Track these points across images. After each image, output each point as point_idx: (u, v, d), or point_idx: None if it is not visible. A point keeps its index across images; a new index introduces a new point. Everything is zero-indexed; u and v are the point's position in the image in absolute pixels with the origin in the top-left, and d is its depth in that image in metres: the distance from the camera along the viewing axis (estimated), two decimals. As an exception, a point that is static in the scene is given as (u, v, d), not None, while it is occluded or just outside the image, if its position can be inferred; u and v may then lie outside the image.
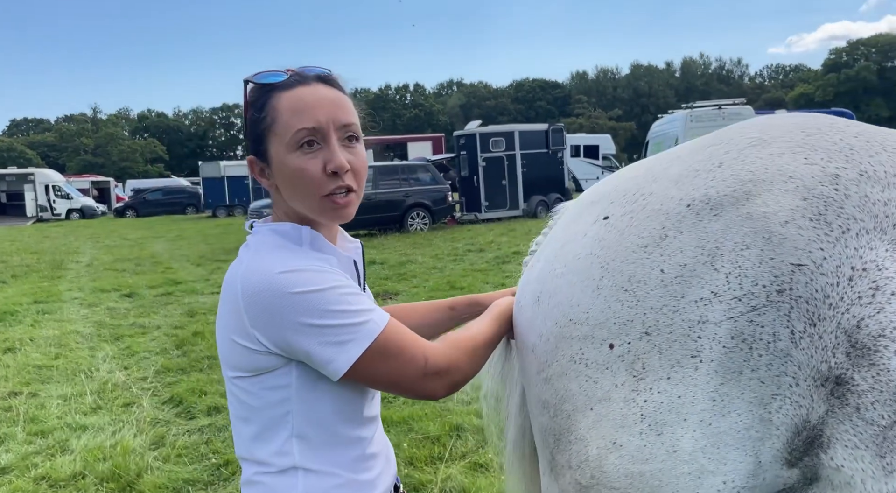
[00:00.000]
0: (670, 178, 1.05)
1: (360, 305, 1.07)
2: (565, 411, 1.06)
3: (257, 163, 1.18)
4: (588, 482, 1.02)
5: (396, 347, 1.08)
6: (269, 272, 1.05)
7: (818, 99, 59.66)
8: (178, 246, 16.48)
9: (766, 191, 0.94)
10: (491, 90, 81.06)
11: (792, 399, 0.89)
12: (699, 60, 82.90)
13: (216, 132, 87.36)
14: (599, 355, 1.01)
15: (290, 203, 1.16)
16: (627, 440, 0.97)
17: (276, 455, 1.12)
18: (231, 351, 1.11)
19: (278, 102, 1.11)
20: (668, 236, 0.98)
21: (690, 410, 0.93)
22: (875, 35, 67.43)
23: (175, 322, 7.34)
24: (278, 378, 1.09)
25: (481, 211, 17.56)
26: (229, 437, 4.08)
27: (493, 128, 19.03)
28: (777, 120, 1.07)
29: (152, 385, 5.18)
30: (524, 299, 1.20)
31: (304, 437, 1.11)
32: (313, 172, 1.09)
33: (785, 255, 0.90)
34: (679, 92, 75.52)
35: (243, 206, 30.82)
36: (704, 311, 0.92)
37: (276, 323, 1.04)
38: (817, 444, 0.89)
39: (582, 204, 1.20)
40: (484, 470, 3.43)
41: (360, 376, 1.08)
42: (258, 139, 1.15)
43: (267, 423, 1.12)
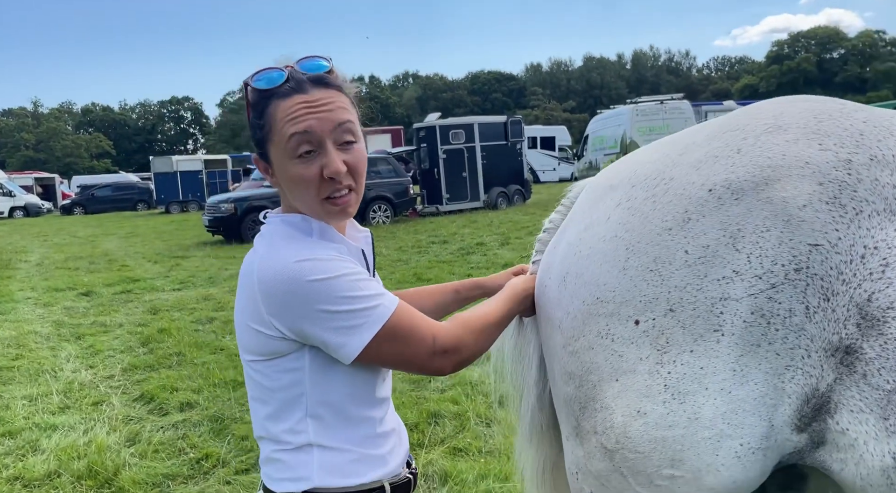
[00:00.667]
0: (690, 163, 1.11)
1: (371, 290, 1.14)
2: (591, 381, 1.13)
3: (262, 162, 1.24)
4: (613, 446, 1.10)
5: (406, 328, 1.15)
6: (284, 262, 1.10)
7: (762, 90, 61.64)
8: (131, 243, 16.05)
9: (785, 176, 1.01)
10: (447, 82, 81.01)
11: (804, 370, 0.98)
12: (649, 53, 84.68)
13: (165, 126, 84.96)
14: (625, 331, 1.08)
15: (293, 203, 1.22)
16: (651, 409, 1.05)
17: (292, 434, 1.18)
18: (248, 336, 1.17)
19: (275, 110, 1.16)
20: (691, 219, 1.05)
21: (712, 379, 1.01)
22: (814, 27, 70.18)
23: (138, 320, 7.20)
24: (292, 361, 1.15)
25: (443, 203, 17.61)
26: (206, 432, 4.07)
27: (452, 120, 19.07)
28: (788, 106, 1.14)
29: (120, 383, 5.09)
30: (548, 279, 1.26)
31: (318, 416, 1.17)
32: (310, 178, 1.15)
33: (803, 236, 0.98)
34: (630, 84, 76.95)
35: (198, 201, 30.13)
36: (726, 288, 1.00)
37: (290, 310, 1.10)
38: (825, 410, 0.98)
39: (600, 187, 1.25)
40: (463, 454, 3.51)
41: (371, 357, 1.14)
42: (260, 143, 1.20)
43: (282, 403, 1.18)
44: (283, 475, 1.19)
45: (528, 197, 19.13)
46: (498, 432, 3.75)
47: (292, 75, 1.19)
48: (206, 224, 14.93)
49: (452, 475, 3.28)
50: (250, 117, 1.21)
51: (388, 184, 16.04)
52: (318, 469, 1.17)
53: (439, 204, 17.65)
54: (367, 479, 1.20)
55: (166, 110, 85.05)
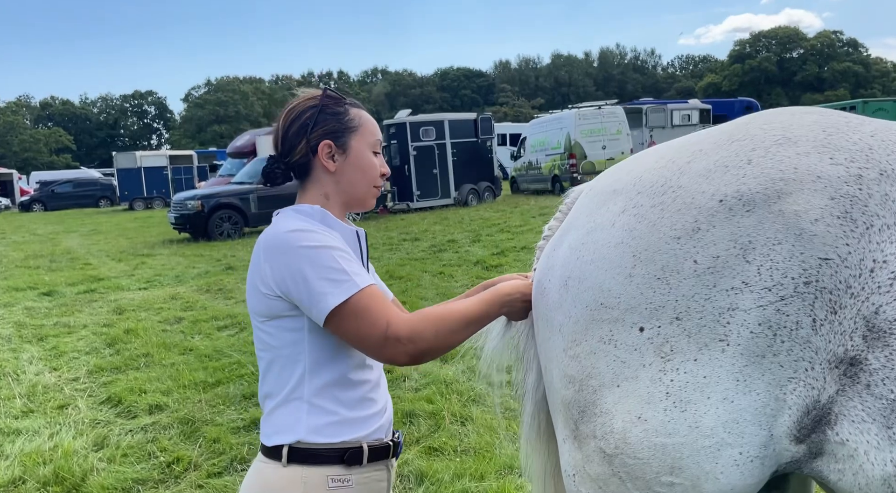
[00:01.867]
0: (698, 172, 1.11)
1: (347, 267, 1.28)
2: (591, 386, 1.13)
3: (332, 147, 1.42)
4: (612, 451, 1.10)
5: (364, 308, 1.26)
6: (283, 229, 1.31)
7: (725, 88, 62.86)
8: (94, 241, 15.67)
9: (797, 190, 1.02)
10: (416, 79, 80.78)
11: (806, 382, 0.99)
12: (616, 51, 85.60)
13: (128, 121, 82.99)
14: (629, 338, 1.08)
15: (347, 185, 1.44)
16: (652, 415, 1.05)
17: (290, 390, 1.34)
18: (255, 298, 1.34)
19: (359, 114, 1.46)
20: (700, 229, 1.05)
21: (714, 389, 1.02)
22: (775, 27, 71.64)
23: (103, 320, 7.03)
24: (293, 321, 1.32)
25: (413, 200, 17.56)
26: (176, 435, 4.00)
27: (422, 117, 19.01)
28: (796, 118, 1.14)
29: (86, 386, 4.97)
30: (549, 283, 1.26)
31: (314, 374, 1.33)
32: (378, 169, 1.47)
33: (814, 250, 0.98)
34: (598, 81, 77.74)
35: (163, 198, 29.52)
36: (735, 299, 1.01)
37: (281, 267, 1.28)
38: (824, 422, 0.99)
39: (602, 192, 1.25)
40: (438, 454, 3.52)
41: (333, 328, 1.28)
42: (342, 133, 1.42)
43: (285, 361, 1.34)
44: (274, 429, 1.35)
45: (498, 194, 19.20)
46: (473, 430, 3.77)
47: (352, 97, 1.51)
48: (172, 222, 14.65)
49: (428, 474, 3.28)
50: (325, 113, 1.42)
51: (359, 181, 15.90)
52: (305, 427, 1.32)
53: (410, 201, 17.60)
54: (348, 438, 1.34)
55: (129, 105, 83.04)
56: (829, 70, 63.66)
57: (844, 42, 67.31)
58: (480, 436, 3.67)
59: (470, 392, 4.31)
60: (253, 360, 5.30)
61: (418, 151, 17.55)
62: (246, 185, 14.82)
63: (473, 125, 18.51)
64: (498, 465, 3.32)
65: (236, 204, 14.34)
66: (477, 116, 18.96)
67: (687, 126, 22.57)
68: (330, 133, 1.41)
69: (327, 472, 1.32)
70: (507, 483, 3.13)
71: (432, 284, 7.70)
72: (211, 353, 5.61)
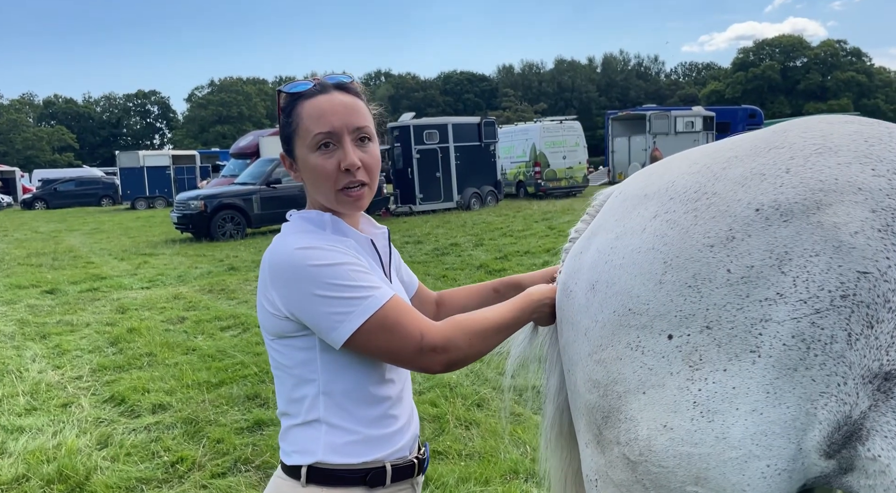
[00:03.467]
0: (734, 179, 1.09)
1: (365, 281, 1.20)
2: (616, 391, 1.12)
3: (287, 159, 1.35)
4: (636, 458, 1.09)
5: (394, 322, 1.19)
6: (289, 248, 1.21)
7: (728, 96, 62.88)
8: (96, 240, 15.67)
9: (837, 201, 1.00)
10: (419, 82, 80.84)
11: (838, 397, 0.97)
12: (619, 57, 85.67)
13: (131, 120, 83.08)
14: (657, 345, 1.07)
15: (313, 195, 1.33)
16: (678, 424, 1.04)
17: (305, 410, 1.26)
18: (264, 316, 1.27)
19: (301, 109, 1.28)
20: (735, 238, 1.03)
21: (744, 400, 1.00)
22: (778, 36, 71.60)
23: (106, 319, 7.03)
24: (304, 341, 1.24)
25: (416, 203, 17.57)
26: (179, 434, 3.99)
27: (426, 120, 19.04)
28: (835, 127, 1.12)
29: (89, 384, 4.96)
30: (576, 286, 1.25)
31: (329, 394, 1.25)
32: (329, 170, 1.26)
33: (853, 263, 0.97)
34: (601, 87, 77.77)
35: (164, 197, 29.53)
36: (769, 310, 0.99)
37: (289, 292, 1.19)
38: (856, 437, 0.97)
39: (632, 196, 1.23)
40: (443, 457, 3.51)
41: (359, 346, 1.20)
42: (287, 140, 1.32)
43: (297, 380, 1.26)
44: (293, 447, 1.28)
45: (500, 198, 19.22)
46: (477, 434, 3.76)
47: (318, 82, 1.32)
48: (174, 221, 14.66)
49: (433, 478, 3.27)
50: (280, 119, 1.33)
51: (362, 183, 15.91)
52: (324, 446, 1.25)
53: (412, 204, 17.61)
54: (369, 458, 1.27)
55: (132, 104, 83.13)
56: (832, 79, 63.70)
57: (848, 51, 67.39)
58: (485, 440, 3.66)
59: (474, 396, 4.30)
60: (256, 360, 5.31)
61: (421, 154, 17.57)
62: (249, 185, 14.84)
63: (477, 129, 18.54)
64: (503, 469, 3.31)
65: (239, 205, 14.34)
66: (480, 120, 18.99)
67: (690, 133, 22.59)
68: (283, 143, 1.34)
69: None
70: (513, 488, 3.13)
71: (435, 287, 7.69)
72: (214, 353, 5.60)
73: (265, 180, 14.70)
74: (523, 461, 3.40)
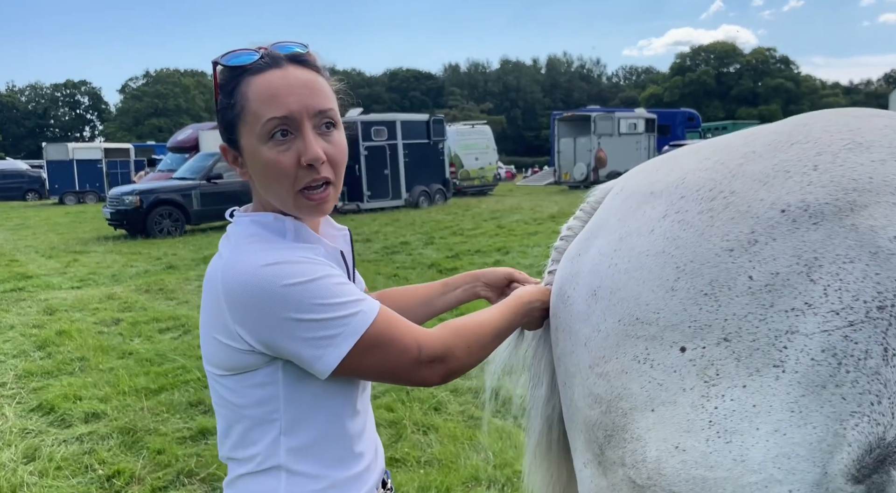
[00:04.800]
0: (753, 176, 1.00)
1: (349, 295, 1.02)
2: (621, 408, 1.03)
3: (230, 151, 1.11)
4: (644, 482, 1.00)
5: (388, 337, 1.03)
6: (252, 266, 0.98)
7: (666, 99, 64.83)
8: (21, 236, 14.76)
9: (874, 203, 0.92)
10: (364, 78, 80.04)
11: (871, 417, 0.89)
12: (563, 59, 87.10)
13: (59, 111, 79.12)
14: (668, 358, 0.98)
15: (265, 196, 1.10)
16: (692, 446, 0.95)
17: (261, 455, 1.07)
18: (214, 349, 1.05)
19: (247, 87, 1.04)
20: (758, 242, 0.94)
21: (765, 419, 0.92)
22: (713, 42, 74.33)
23: (32, 321, 6.57)
24: (264, 376, 1.03)
25: (363, 201, 17.33)
26: (115, 446, 3.73)
27: (374, 116, 18.81)
28: (864, 121, 1.05)
29: (14, 392, 4.60)
30: (574, 291, 1.15)
31: (292, 434, 1.06)
32: (287, 166, 1.03)
33: (892, 270, 0.89)
34: (545, 88, 78.99)
35: (96, 192, 28.19)
36: (795, 322, 0.91)
37: (260, 320, 0.98)
38: (889, 461, 0.90)
39: (636, 194, 1.14)
40: (401, 465, 3.38)
41: (350, 369, 1.03)
42: (229, 127, 1.07)
43: (253, 422, 1.06)
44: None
45: (449, 196, 19.18)
46: (436, 440, 3.64)
47: (267, 53, 1.07)
48: (107, 217, 13.97)
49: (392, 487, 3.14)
50: (218, 99, 1.08)
51: (307, 179, 15.58)
52: None
53: (360, 201, 17.35)
54: None
55: (60, 94, 79.10)
56: (762, 85, 66.60)
57: (777, 59, 70.56)
58: (444, 446, 3.55)
59: (431, 400, 4.19)
60: (199, 364, 5.03)
61: (369, 150, 17.33)
62: (188, 181, 14.30)
63: (426, 127, 18.44)
64: (464, 476, 3.21)
65: (178, 200, 13.79)
66: (429, 118, 18.91)
67: (633, 134, 23.11)
68: (223, 132, 1.09)
69: None
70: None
71: (387, 286, 7.53)
72: (153, 357, 5.30)
73: (206, 175, 14.19)
74: (485, 466, 3.30)
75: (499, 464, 3.32)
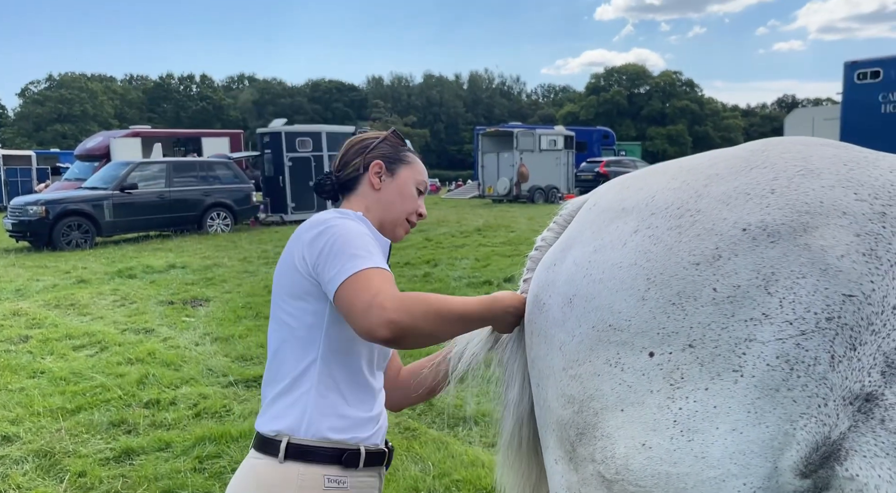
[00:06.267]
0: (717, 197, 1.10)
1: (372, 252, 1.33)
2: (593, 408, 1.10)
3: (382, 168, 1.56)
4: (612, 476, 1.07)
5: (363, 280, 1.26)
6: (330, 217, 1.40)
7: (582, 117, 67.18)
8: None
9: (824, 225, 1.02)
10: (286, 88, 78.62)
11: (818, 418, 0.99)
12: (485, 75, 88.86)
13: (-51, 113, 73.10)
14: (637, 362, 1.06)
15: (383, 206, 1.55)
16: (657, 443, 1.03)
17: (299, 373, 1.37)
18: (287, 275, 1.40)
19: (415, 157, 1.63)
20: (721, 257, 1.03)
21: (725, 419, 1.00)
22: (625, 64, 77.82)
23: (-74, 340, 6.05)
24: (316, 307, 1.36)
25: (287, 212, 16.99)
26: (32, 469, 3.52)
27: (299, 127, 18.52)
28: (814, 149, 1.16)
29: None
30: (550, 299, 1.22)
31: (326, 362, 1.37)
32: (416, 203, 1.59)
33: (838, 286, 0.98)
34: (467, 103, 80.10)
35: (-7, 201, 26.27)
36: (753, 330, 0.99)
37: (319, 246, 1.33)
38: (834, 458, 0.99)
39: (608, 209, 1.22)
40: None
41: (339, 302, 1.28)
42: (395, 160, 1.58)
43: (298, 342, 1.38)
44: (277, 414, 1.37)
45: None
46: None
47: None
48: (8, 229, 13.06)
49: None
50: (386, 143, 1.61)
51: (229, 190, 15.10)
52: (309, 415, 1.35)
53: (284, 213, 17.02)
54: (347, 437, 1.37)
55: (-49, 95, 73.16)
56: (670, 106, 70.06)
57: (683, 82, 74.57)
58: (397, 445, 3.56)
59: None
60: (120, 382, 4.82)
61: (294, 162, 17.06)
62: (99, 190, 13.58)
63: (350, 139, 18.32)
64: (403, 488, 3.24)
65: (87, 211, 13.06)
66: (355, 130, 18.80)
67: (553, 150, 23.84)
68: (384, 157, 1.57)
69: (324, 471, 1.34)
70: (416, 505, 3.06)
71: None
72: (67, 376, 5.02)
73: (119, 185, 13.52)
74: (424, 477, 3.34)
75: (437, 474, 3.36)
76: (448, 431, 3.97)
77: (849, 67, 13.77)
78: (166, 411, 4.32)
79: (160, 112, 68.87)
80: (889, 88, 13.26)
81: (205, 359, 5.44)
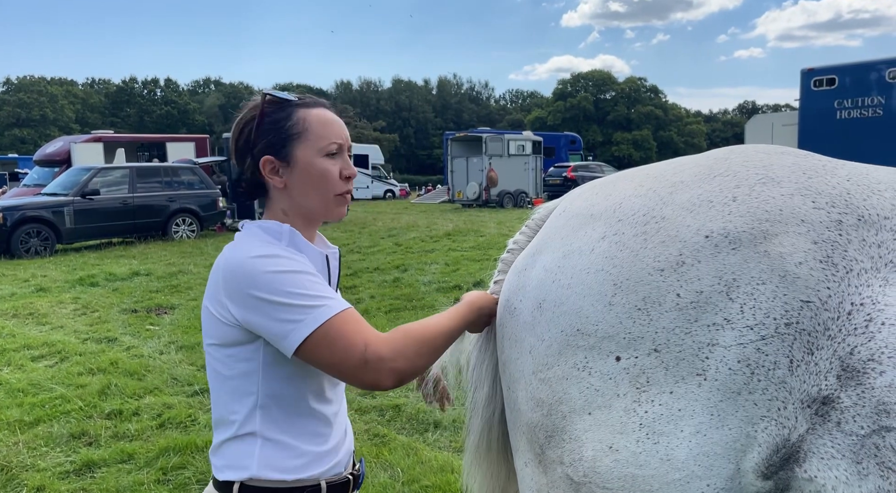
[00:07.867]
0: (682, 205, 1.12)
1: (319, 291, 1.20)
2: (561, 411, 1.11)
3: (274, 162, 1.32)
4: (580, 479, 1.08)
5: (341, 332, 1.16)
6: (246, 255, 1.21)
7: (550, 123, 67.89)
8: None
9: (783, 232, 1.04)
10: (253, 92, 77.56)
11: (778, 421, 1.01)
12: (453, 80, 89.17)
13: None
14: (604, 366, 1.07)
15: (300, 199, 1.34)
16: (624, 446, 1.05)
17: (241, 422, 1.26)
18: (209, 322, 1.26)
19: (307, 115, 1.33)
20: (685, 263, 1.05)
21: (689, 422, 1.02)
22: (591, 70, 78.92)
23: None
24: (247, 352, 1.24)
25: (255, 218, 16.73)
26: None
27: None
28: (773, 157, 1.18)
29: None
30: (520, 303, 1.23)
31: (267, 408, 1.26)
32: (335, 174, 1.34)
33: (797, 292, 1.01)
34: (436, 108, 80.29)
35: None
36: (716, 335, 1.02)
37: (242, 297, 1.19)
38: (793, 459, 1.01)
39: (577, 215, 1.23)
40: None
41: (309, 356, 1.18)
42: (282, 142, 1.31)
43: (234, 391, 1.26)
44: (226, 462, 1.28)
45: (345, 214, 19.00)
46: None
47: (308, 96, 1.39)
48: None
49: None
50: (264, 123, 1.32)
51: (195, 196, 14.85)
52: (258, 461, 1.25)
53: (251, 219, 16.79)
54: (305, 475, 1.27)
55: None
56: (635, 112, 71.15)
57: (647, 88, 75.92)
58: (353, 463, 3.53)
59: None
60: (80, 393, 4.70)
61: (260, 167, 16.85)
62: (60, 197, 13.23)
63: (319, 144, 18.18)
64: (374, 493, 3.21)
65: (47, 218, 12.72)
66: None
67: (521, 155, 24.02)
68: (270, 146, 1.32)
69: None
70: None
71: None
72: (26, 387, 4.87)
73: (80, 191, 13.19)
74: (393, 484, 3.32)
75: (407, 480, 3.35)
76: (418, 436, 3.96)
77: (805, 75, 14.19)
78: (129, 421, 4.22)
79: (123, 117, 67.50)
80: (844, 95, 13.70)
81: (169, 368, 5.33)
